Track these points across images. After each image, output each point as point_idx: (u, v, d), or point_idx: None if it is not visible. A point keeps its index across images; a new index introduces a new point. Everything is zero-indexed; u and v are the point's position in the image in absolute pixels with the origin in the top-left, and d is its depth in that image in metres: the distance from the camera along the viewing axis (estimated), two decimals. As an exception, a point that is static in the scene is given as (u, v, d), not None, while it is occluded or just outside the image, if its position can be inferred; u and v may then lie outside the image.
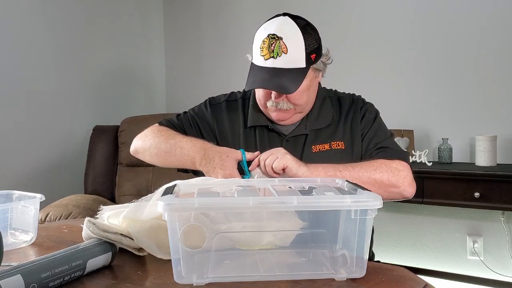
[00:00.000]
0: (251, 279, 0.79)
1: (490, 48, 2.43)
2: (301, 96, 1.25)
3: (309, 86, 1.27)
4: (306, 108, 1.30)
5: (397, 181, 1.16)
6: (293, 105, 1.26)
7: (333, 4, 2.84)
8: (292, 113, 1.28)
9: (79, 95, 2.89)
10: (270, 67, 1.20)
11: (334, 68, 1.42)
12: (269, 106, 1.27)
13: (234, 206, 0.79)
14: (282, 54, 1.19)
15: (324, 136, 1.30)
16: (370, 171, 1.15)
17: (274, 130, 1.31)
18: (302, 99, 1.26)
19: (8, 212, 1.07)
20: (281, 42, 1.19)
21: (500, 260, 2.40)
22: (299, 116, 1.31)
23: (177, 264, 0.78)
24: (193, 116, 1.41)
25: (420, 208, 2.58)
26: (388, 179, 1.15)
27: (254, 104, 1.35)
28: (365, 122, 1.32)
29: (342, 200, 0.78)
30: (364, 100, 1.38)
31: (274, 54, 1.19)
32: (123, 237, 0.91)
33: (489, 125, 2.43)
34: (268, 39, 1.21)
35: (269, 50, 1.20)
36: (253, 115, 1.34)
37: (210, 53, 3.30)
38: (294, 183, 1.00)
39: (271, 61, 1.20)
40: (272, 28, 1.21)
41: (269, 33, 1.21)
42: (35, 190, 1.21)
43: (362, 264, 0.80)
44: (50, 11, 2.70)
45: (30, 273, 0.74)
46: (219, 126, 1.37)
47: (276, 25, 1.21)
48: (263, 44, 1.21)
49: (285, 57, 1.19)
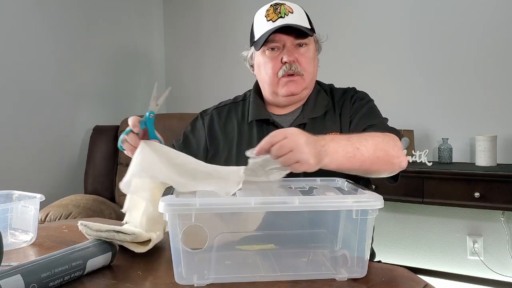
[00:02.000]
0: (251, 280, 0.79)
1: (490, 48, 2.43)
2: (310, 61, 1.28)
3: (314, 56, 1.31)
4: (312, 83, 1.32)
5: (398, 151, 1.09)
6: (303, 70, 1.26)
7: (333, 3, 2.84)
8: (302, 84, 1.27)
9: (79, 95, 2.89)
10: (281, 24, 1.23)
11: (334, 68, 1.43)
12: (280, 76, 1.26)
13: (235, 206, 0.78)
14: (289, 14, 1.24)
15: (319, 127, 1.28)
16: (379, 142, 1.06)
17: (274, 123, 1.31)
18: (310, 65, 1.28)
19: (8, 212, 1.07)
20: (285, 5, 1.26)
21: (500, 260, 2.40)
22: (305, 92, 1.30)
23: (178, 264, 0.78)
24: (186, 134, 1.41)
25: (420, 208, 2.58)
26: (392, 149, 1.08)
27: (255, 99, 1.35)
28: (355, 108, 1.29)
29: (343, 200, 0.79)
30: (355, 89, 1.36)
31: (282, 14, 1.24)
32: (116, 233, 0.91)
33: (489, 125, 2.43)
34: (272, 7, 1.27)
35: (276, 13, 1.25)
36: (254, 110, 1.33)
37: (210, 53, 3.30)
38: (294, 183, 1.00)
39: (280, 20, 1.24)
40: (272, 2, 1.29)
41: (270, 4, 1.28)
42: (35, 190, 1.21)
43: (363, 264, 0.80)
44: (49, 11, 2.70)
45: (30, 273, 0.74)
46: (209, 132, 1.37)
47: (274, 0, 1.29)
48: (268, 12, 1.27)
49: (292, 16, 1.24)
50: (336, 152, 0.96)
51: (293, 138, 0.88)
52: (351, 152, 0.99)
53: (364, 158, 1.00)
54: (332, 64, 2.78)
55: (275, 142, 0.89)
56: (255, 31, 1.30)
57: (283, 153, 0.88)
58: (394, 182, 1.21)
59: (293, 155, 0.88)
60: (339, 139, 1.00)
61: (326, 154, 0.94)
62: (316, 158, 0.90)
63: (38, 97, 2.64)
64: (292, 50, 1.25)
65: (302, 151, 0.88)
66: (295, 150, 0.88)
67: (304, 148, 0.88)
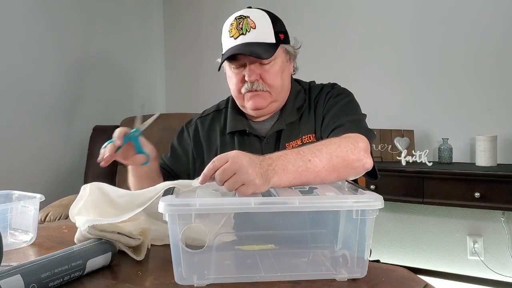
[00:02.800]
0: (251, 280, 0.79)
1: (490, 48, 2.43)
2: (275, 76, 1.24)
3: (282, 68, 1.27)
4: (281, 95, 1.28)
5: (359, 153, 1.04)
6: (268, 86, 1.24)
7: (333, 3, 2.84)
8: (268, 99, 1.25)
9: (79, 95, 2.89)
10: (241, 43, 1.21)
11: (334, 68, 1.42)
12: (244, 92, 1.25)
13: (235, 207, 0.78)
14: (251, 30, 1.20)
15: (296, 131, 1.27)
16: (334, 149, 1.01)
17: (252, 133, 1.29)
18: (277, 80, 1.24)
19: (8, 212, 1.07)
20: (249, 19, 1.22)
21: (500, 260, 2.40)
22: (274, 105, 1.28)
23: (177, 265, 0.78)
24: (174, 147, 1.41)
25: (420, 208, 2.58)
26: (352, 153, 1.03)
27: (233, 109, 1.34)
28: (328, 106, 1.25)
29: (344, 200, 0.78)
30: (333, 85, 1.32)
31: (243, 31, 1.21)
32: (121, 236, 0.91)
33: (489, 125, 2.43)
34: (235, 21, 1.23)
35: (238, 29, 1.22)
36: (231, 120, 1.32)
37: (209, 53, 3.29)
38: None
39: (241, 38, 1.21)
40: (238, 13, 1.25)
41: (235, 16, 1.24)
42: (35, 190, 1.21)
43: (363, 264, 0.80)
44: (50, 12, 2.70)
45: (30, 273, 0.74)
46: (195, 143, 1.37)
47: (242, 10, 1.25)
48: (231, 26, 1.23)
49: (254, 32, 1.20)
50: (285, 168, 0.91)
51: (235, 160, 0.84)
52: (302, 165, 0.93)
53: (318, 169, 0.95)
54: (332, 64, 2.79)
55: (218, 167, 0.85)
56: (222, 44, 1.28)
57: (227, 177, 0.84)
58: (374, 179, 1.19)
59: (238, 177, 0.83)
60: (288, 155, 0.94)
61: (274, 173, 0.89)
62: (262, 178, 0.86)
63: (38, 97, 2.64)
64: (255, 68, 1.23)
65: (246, 172, 0.83)
66: (239, 172, 0.83)
67: (247, 169, 0.84)
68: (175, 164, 1.38)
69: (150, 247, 1.00)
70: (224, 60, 1.22)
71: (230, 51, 1.21)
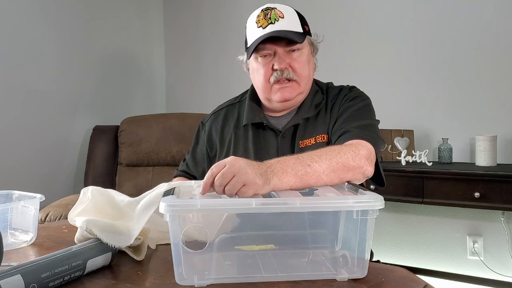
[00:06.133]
0: (252, 280, 0.79)
1: (490, 48, 2.43)
2: (304, 65, 1.26)
3: (309, 59, 1.28)
4: (307, 86, 1.30)
5: (360, 160, 1.04)
6: (297, 75, 1.25)
7: (333, 3, 2.84)
8: (296, 89, 1.26)
9: (79, 95, 2.89)
10: (271, 31, 1.21)
11: (335, 68, 1.42)
12: (272, 82, 1.25)
13: (236, 207, 0.78)
14: (280, 19, 1.22)
15: (311, 128, 1.27)
16: (334, 155, 1.01)
17: (269, 127, 1.30)
18: (305, 70, 1.26)
19: (8, 212, 1.07)
20: (276, 10, 1.24)
21: (500, 260, 2.40)
22: (300, 98, 1.29)
23: (178, 265, 0.78)
24: (194, 150, 1.43)
25: (420, 208, 2.58)
26: (352, 160, 1.02)
27: (252, 101, 1.34)
28: (342, 109, 1.26)
29: (344, 201, 0.78)
30: (351, 88, 1.32)
31: (272, 20, 1.22)
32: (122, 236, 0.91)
33: (489, 125, 2.43)
34: (262, 12, 1.24)
35: (266, 19, 1.23)
36: (249, 113, 1.32)
37: (210, 53, 3.30)
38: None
39: (270, 27, 1.22)
40: (263, 6, 1.26)
41: (261, 8, 1.25)
42: (35, 190, 1.21)
43: (364, 265, 0.80)
44: (50, 11, 2.70)
45: (30, 273, 0.74)
46: (208, 139, 1.38)
47: (266, 4, 1.27)
48: (258, 18, 1.24)
49: (282, 21, 1.22)
50: (284, 171, 0.91)
51: (233, 163, 0.85)
52: (301, 170, 0.93)
53: (318, 174, 0.95)
54: (332, 64, 2.78)
55: (216, 174, 0.84)
56: (248, 37, 1.29)
57: (227, 181, 0.83)
58: (381, 187, 1.20)
59: (238, 179, 0.83)
60: (286, 160, 0.95)
61: (274, 174, 0.89)
62: (263, 178, 0.86)
63: (38, 97, 2.64)
64: (284, 57, 1.24)
65: (245, 172, 0.83)
66: (238, 173, 0.83)
67: (246, 169, 0.84)
68: (198, 168, 1.40)
69: (155, 247, 1.00)
70: (255, 47, 1.22)
71: (260, 38, 1.21)
